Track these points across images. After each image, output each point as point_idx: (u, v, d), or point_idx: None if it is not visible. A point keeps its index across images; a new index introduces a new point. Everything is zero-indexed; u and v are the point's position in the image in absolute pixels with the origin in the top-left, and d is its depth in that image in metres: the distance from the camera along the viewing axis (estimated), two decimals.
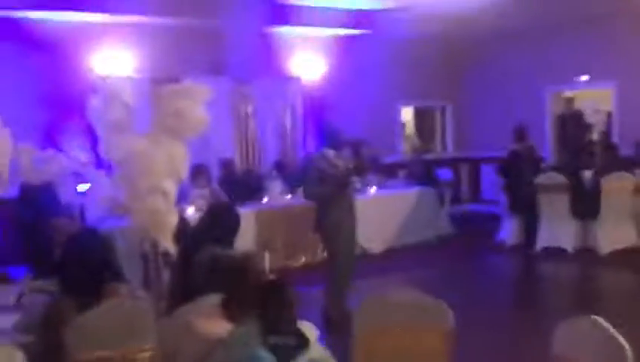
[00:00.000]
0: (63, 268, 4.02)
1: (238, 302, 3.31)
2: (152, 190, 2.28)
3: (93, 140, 2.44)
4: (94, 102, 2.41)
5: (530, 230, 10.00)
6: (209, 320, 3.32)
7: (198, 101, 2.50)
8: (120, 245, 5.31)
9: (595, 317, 2.91)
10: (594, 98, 12.90)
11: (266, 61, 11.43)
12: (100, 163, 3.06)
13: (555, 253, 9.59)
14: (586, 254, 9.49)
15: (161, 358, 3.38)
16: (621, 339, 2.78)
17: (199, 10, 10.10)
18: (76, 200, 4.90)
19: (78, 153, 6.62)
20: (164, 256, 3.07)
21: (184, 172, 2.44)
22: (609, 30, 11.76)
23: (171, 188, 2.32)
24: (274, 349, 3.07)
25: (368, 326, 3.64)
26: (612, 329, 2.84)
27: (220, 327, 3.27)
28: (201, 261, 3.83)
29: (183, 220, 5.72)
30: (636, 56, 11.51)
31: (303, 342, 3.19)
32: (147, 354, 3.56)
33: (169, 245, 2.39)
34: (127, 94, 2.55)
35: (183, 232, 4.70)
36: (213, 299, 3.47)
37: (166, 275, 4.04)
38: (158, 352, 3.34)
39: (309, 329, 3.36)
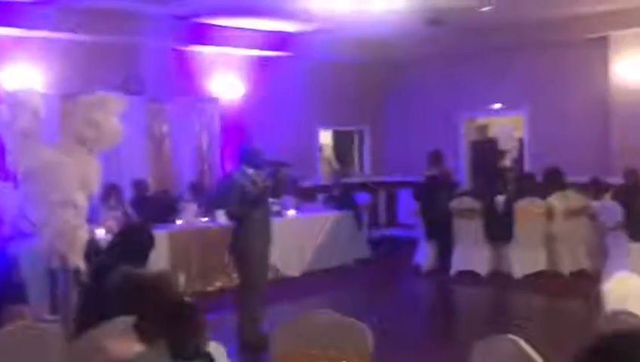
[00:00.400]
0: None
1: (150, 322, 3.16)
2: (62, 203, 2.12)
3: (1, 151, 2.26)
4: (1, 110, 2.23)
5: (444, 254, 10.11)
6: (120, 341, 3.16)
7: (112, 112, 2.36)
8: (27, 265, 5.04)
9: (511, 335, 2.93)
10: (507, 125, 13.25)
11: (182, 80, 11.24)
12: (7, 175, 2.86)
13: (470, 277, 9.71)
14: (500, 278, 9.65)
15: None
16: (536, 356, 2.80)
17: (113, 27, 9.87)
18: None
19: None
20: (74, 275, 2.89)
21: (97, 185, 2.29)
22: (521, 59, 12.13)
23: (83, 201, 2.17)
24: None
25: (286, 349, 3.54)
26: (527, 347, 2.87)
27: (131, 349, 3.12)
28: (113, 281, 3.66)
29: (92, 241, 5.49)
30: (546, 85, 11.89)
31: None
32: None
33: (79, 262, 2.23)
34: (37, 103, 2.38)
35: (94, 253, 4.49)
36: (125, 321, 3.31)
37: (74, 296, 3.84)
38: None
39: (217, 348, 3.23)
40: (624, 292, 4.28)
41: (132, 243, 3.97)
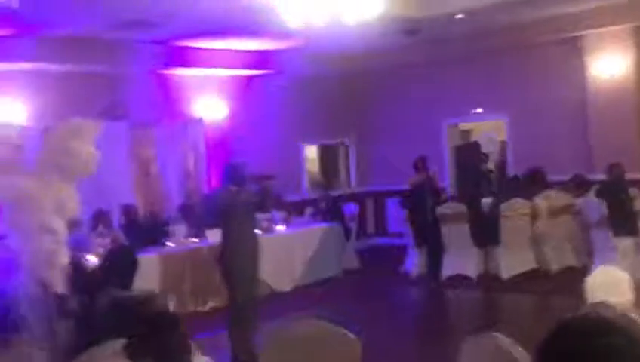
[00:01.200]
0: None
1: (138, 342, 3.23)
2: (39, 229, 2.21)
3: None
4: None
5: (434, 260, 10.19)
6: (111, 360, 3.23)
7: (87, 138, 2.45)
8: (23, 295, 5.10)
9: (497, 333, 3.00)
10: (490, 129, 13.38)
11: (166, 103, 11.34)
12: None
13: (460, 281, 9.80)
14: (489, 280, 9.74)
15: None
16: (522, 352, 2.87)
17: (94, 55, 9.95)
18: None
19: None
20: (58, 300, 2.97)
21: (74, 211, 2.37)
22: (500, 64, 12.28)
23: (60, 227, 2.25)
24: None
25: (273, 357, 3.60)
26: (512, 344, 2.94)
27: None
28: (98, 304, 3.74)
29: (79, 267, 5.56)
30: (525, 88, 12.05)
31: None
32: None
33: (60, 287, 2.31)
34: (17, 136, 2.48)
35: (81, 280, 4.56)
36: (114, 345, 3.39)
37: (62, 322, 3.91)
38: None
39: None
40: (603, 282, 4.38)
41: (116, 266, 4.06)
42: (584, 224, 9.60)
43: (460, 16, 10.33)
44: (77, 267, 5.34)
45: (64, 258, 2.33)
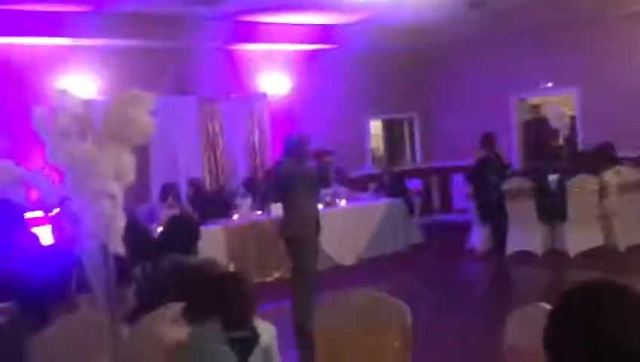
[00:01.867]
0: (22, 285, 4.03)
1: (199, 305, 3.35)
2: (99, 193, 2.32)
3: (41, 149, 2.48)
4: (40, 111, 2.45)
5: (499, 236, 10.08)
6: (172, 327, 3.36)
7: (144, 108, 2.55)
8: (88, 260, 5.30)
9: (543, 304, 2.98)
10: (559, 103, 13.10)
11: (232, 79, 11.50)
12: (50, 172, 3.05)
13: (525, 257, 9.68)
14: (555, 257, 9.59)
15: None
16: None
17: (162, 31, 10.16)
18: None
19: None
20: (120, 265, 3.10)
21: (131, 177, 2.49)
22: (571, 37, 11.97)
23: (118, 191, 2.37)
24: (233, 343, 3.12)
25: (328, 324, 3.68)
26: None
27: (182, 333, 3.31)
28: (163, 268, 3.88)
29: (145, 236, 5.75)
30: (597, 62, 11.73)
31: (257, 335, 3.24)
32: None
33: (118, 248, 2.43)
34: (74, 105, 2.59)
35: (145, 247, 4.73)
36: (175, 308, 3.52)
37: (123, 289, 4.07)
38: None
39: (267, 327, 3.40)
40: None
41: (178, 234, 4.19)
42: None
43: None
44: (142, 235, 5.54)
45: (122, 221, 2.44)
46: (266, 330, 3.37)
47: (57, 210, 6.87)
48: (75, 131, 2.52)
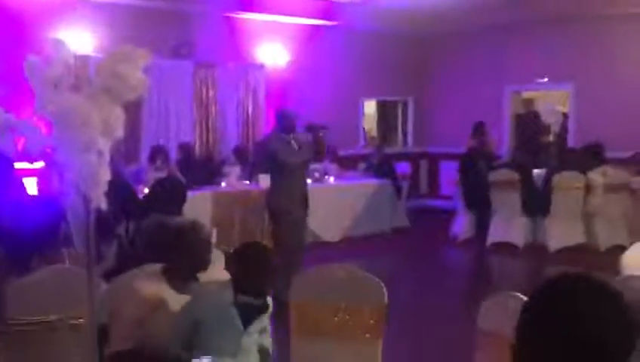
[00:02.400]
0: (7, 233, 4.04)
1: (180, 266, 3.39)
2: (85, 147, 2.33)
3: (31, 97, 2.48)
4: (32, 59, 2.45)
5: (482, 225, 10.18)
6: (150, 283, 3.38)
7: (137, 64, 2.55)
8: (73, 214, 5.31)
9: (515, 292, 3.03)
10: (553, 99, 13.14)
11: (230, 46, 11.46)
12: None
13: (505, 248, 9.77)
14: (535, 250, 9.69)
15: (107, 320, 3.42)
16: None
17: None
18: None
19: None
20: (103, 222, 3.13)
21: (119, 132, 2.49)
22: (568, 32, 11.99)
23: (105, 146, 2.38)
24: (241, 307, 3.14)
25: (303, 298, 3.72)
26: None
27: (161, 290, 3.34)
28: (148, 226, 3.90)
29: (131, 196, 5.77)
30: (593, 59, 11.77)
31: (265, 305, 3.27)
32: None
33: (102, 204, 2.44)
34: (67, 55, 2.59)
35: (130, 206, 4.76)
36: (155, 267, 3.54)
37: (106, 245, 4.10)
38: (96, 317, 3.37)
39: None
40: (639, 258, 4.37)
41: (165, 194, 4.22)
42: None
43: None
44: (128, 194, 5.56)
45: (107, 176, 2.45)
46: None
47: (42, 162, 6.88)
48: (66, 83, 2.52)
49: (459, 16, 12.37)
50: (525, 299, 1.74)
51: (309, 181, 7.95)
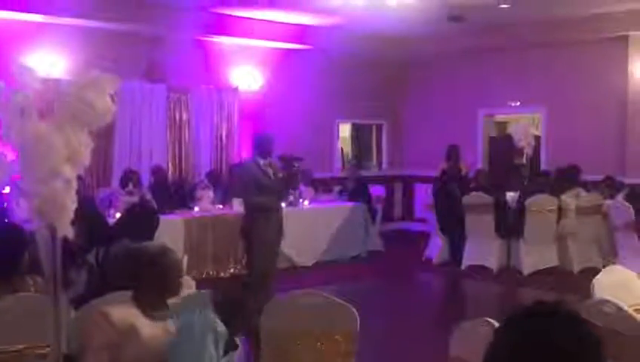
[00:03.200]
0: None
1: (150, 292, 3.34)
2: (50, 175, 2.28)
3: None
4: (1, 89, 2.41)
5: (456, 248, 10.19)
6: (120, 308, 3.33)
7: (105, 91, 2.52)
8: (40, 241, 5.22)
9: (487, 318, 3.02)
10: (526, 123, 13.27)
11: (203, 70, 11.44)
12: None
13: (480, 272, 9.78)
14: (509, 273, 9.71)
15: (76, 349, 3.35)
16: None
17: (136, 15, 10.05)
18: None
19: None
20: (71, 249, 3.07)
21: (86, 160, 2.45)
22: (541, 57, 12.15)
23: (71, 174, 2.33)
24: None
25: (274, 323, 3.68)
26: None
27: (131, 316, 3.28)
28: (117, 253, 3.84)
29: (100, 221, 5.70)
30: (565, 85, 11.91)
31: (235, 344, 3.24)
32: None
33: (67, 230, 2.40)
34: (34, 83, 2.55)
35: (100, 233, 4.69)
36: (125, 294, 3.48)
37: (75, 272, 4.03)
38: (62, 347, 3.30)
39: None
40: (613, 281, 4.39)
41: (137, 222, 4.16)
42: (611, 226, 9.51)
43: (505, 5, 10.24)
44: (98, 221, 5.49)
45: (73, 204, 2.40)
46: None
47: (8, 188, 6.77)
48: (32, 110, 2.48)
49: (433, 41, 12.49)
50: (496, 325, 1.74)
51: (283, 205, 7.91)
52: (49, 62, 9.44)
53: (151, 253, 3.42)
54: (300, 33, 11.91)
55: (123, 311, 3.30)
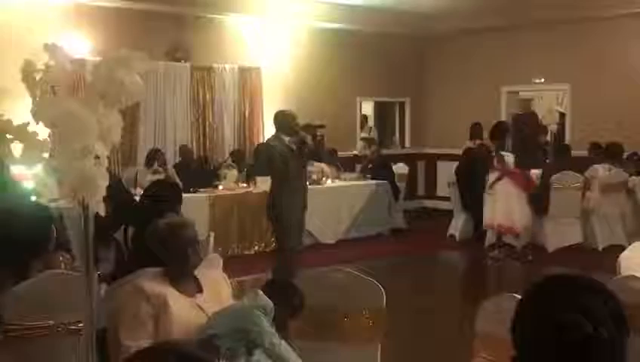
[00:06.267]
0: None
1: (173, 266, 3.40)
2: (82, 152, 2.32)
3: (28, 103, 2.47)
4: (28, 64, 2.44)
5: (479, 226, 10.17)
6: (154, 283, 3.39)
7: (133, 70, 2.54)
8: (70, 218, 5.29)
9: (514, 294, 3.03)
10: (550, 99, 13.17)
11: (227, 48, 11.45)
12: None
13: (504, 249, 9.75)
14: (533, 251, 9.68)
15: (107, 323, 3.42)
16: None
17: None
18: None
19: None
20: (101, 227, 3.11)
21: (117, 137, 2.49)
22: (566, 34, 12.01)
23: (103, 151, 2.37)
24: None
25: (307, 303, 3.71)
26: None
27: (164, 290, 3.35)
28: (146, 232, 3.89)
29: (127, 199, 5.77)
30: (589, 61, 11.78)
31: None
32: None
33: (99, 208, 2.44)
34: (69, 61, 2.59)
35: (127, 211, 4.75)
36: (155, 270, 3.55)
37: (103, 250, 4.09)
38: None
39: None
40: (637, 257, 4.37)
41: (161, 198, 4.21)
42: (636, 203, 9.44)
43: None
44: (125, 198, 5.55)
45: (105, 181, 2.44)
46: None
47: (40, 166, 6.84)
48: (63, 88, 2.51)
49: (456, 17, 12.40)
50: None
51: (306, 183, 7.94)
52: (76, 43, 9.50)
53: (163, 229, 3.48)
54: (324, 11, 11.87)
55: (156, 285, 3.37)
